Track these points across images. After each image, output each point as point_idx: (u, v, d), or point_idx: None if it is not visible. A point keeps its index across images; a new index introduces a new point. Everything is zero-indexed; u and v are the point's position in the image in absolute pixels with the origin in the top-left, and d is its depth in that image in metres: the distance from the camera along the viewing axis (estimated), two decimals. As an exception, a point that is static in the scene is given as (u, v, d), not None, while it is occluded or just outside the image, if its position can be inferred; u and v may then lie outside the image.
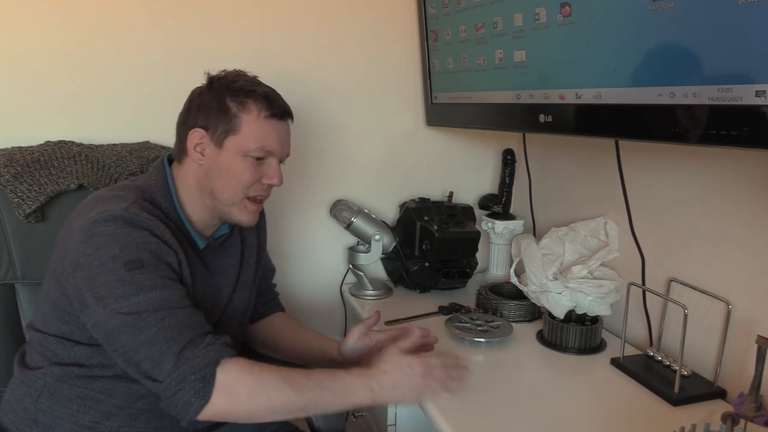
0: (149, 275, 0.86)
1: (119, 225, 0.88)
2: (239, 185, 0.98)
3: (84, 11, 1.32)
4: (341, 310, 1.68)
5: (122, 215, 0.88)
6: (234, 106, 0.96)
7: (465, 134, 1.70)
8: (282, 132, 1.01)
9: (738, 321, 1.04)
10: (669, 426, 0.92)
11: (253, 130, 0.96)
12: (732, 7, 0.74)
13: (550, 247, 1.32)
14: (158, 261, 0.88)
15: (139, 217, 0.89)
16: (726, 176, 1.06)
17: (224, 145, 0.97)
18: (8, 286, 1.17)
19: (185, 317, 0.86)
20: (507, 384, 1.10)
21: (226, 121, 0.96)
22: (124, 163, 1.26)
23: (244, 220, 1.01)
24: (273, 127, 0.99)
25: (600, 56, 0.98)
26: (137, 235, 0.88)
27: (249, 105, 0.96)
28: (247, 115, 0.96)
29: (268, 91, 1.00)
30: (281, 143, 1.01)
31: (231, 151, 0.97)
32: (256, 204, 1.02)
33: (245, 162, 0.97)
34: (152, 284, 0.86)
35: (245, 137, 0.96)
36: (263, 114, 0.97)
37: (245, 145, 0.96)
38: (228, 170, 0.97)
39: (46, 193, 1.16)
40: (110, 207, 0.89)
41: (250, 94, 0.97)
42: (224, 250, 1.08)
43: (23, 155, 1.19)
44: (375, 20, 1.57)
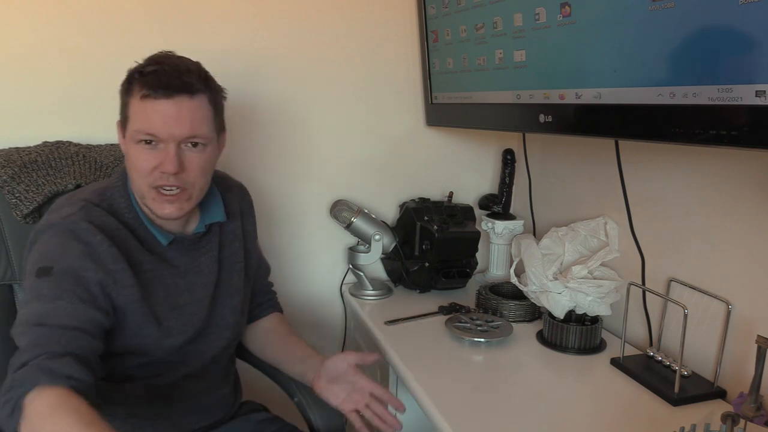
0: (50, 284, 0.85)
1: (52, 233, 0.89)
2: (137, 174, 0.92)
3: (81, 11, 1.32)
4: (341, 310, 1.67)
5: (59, 224, 0.89)
6: (123, 94, 0.93)
7: (465, 134, 1.70)
8: (167, 112, 0.88)
9: (738, 321, 1.04)
10: (669, 426, 0.92)
11: (135, 113, 0.90)
12: (732, 7, 0.74)
13: (550, 247, 1.32)
14: (68, 273, 0.86)
15: (75, 226, 0.89)
16: (726, 176, 1.06)
17: (126, 134, 0.93)
18: (6, 287, 1.17)
19: (46, 337, 0.80)
20: (507, 384, 1.10)
21: (122, 110, 0.93)
22: (122, 163, 1.26)
23: (158, 212, 0.94)
24: (153, 107, 0.88)
25: (600, 56, 0.98)
26: (62, 244, 0.88)
27: (132, 88, 0.90)
28: (131, 98, 0.91)
29: (155, 68, 0.89)
30: (165, 124, 0.89)
31: (128, 141, 0.92)
32: (167, 195, 0.92)
33: (138, 149, 0.91)
34: (48, 294, 0.84)
35: (132, 122, 0.91)
36: (141, 94, 0.89)
37: (131, 131, 0.91)
38: (129, 160, 0.93)
39: (43, 194, 1.16)
40: (54, 215, 0.91)
41: (135, 76, 0.90)
42: (197, 249, 1.04)
43: (20, 156, 1.19)
44: (375, 20, 1.57)
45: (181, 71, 0.90)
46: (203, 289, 1.04)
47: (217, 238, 1.08)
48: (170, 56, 0.94)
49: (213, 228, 1.07)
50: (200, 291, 1.04)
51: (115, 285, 0.91)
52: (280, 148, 1.55)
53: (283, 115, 1.54)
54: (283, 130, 1.55)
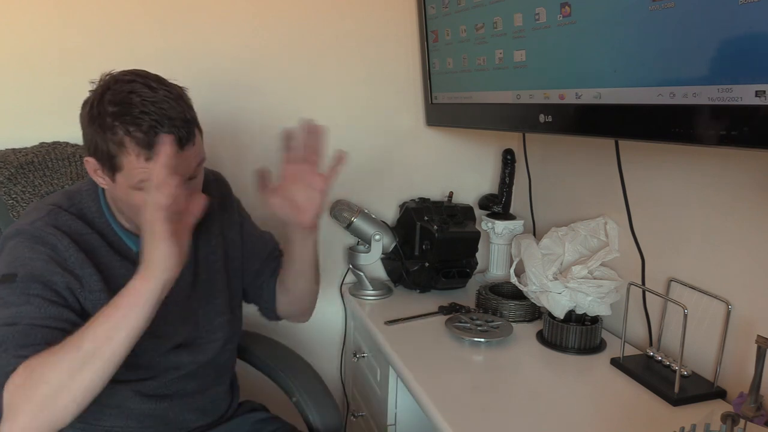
0: (14, 291, 0.84)
1: (18, 240, 0.88)
2: (134, 213, 0.89)
3: (78, 12, 1.32)
4: (341, 310, 1.67)
5: (25, 230, 0.88)
6: (112, 146, 0.84)
7: (465, 134, 1.70)
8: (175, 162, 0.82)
9: (738, 321, 1.04)
10: (669, 426, 0.92)
11: (135, 172, 0.85)
12: (732, 7, 0.74)
13: (550, 247, 1.32)
14: (33, 278, 0.85)
15: (42, 232, 0.88)
16: (726, 176, 1.06)
17: (116, 179, 0.87)
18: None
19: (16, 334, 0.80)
20: (507, 384, 1.10)
21: (109, 160, 0.85)
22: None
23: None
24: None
25: (600, 56, 0.98)
26: (27, 250, 0.87)
27: (126, 146, 0.83)
28: (126, 157, 0.84)
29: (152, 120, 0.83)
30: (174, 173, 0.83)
31: (123, 186, 0.87)
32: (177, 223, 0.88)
33: (140, 195, 0.85)
34: (13, 300, 0.83)
35: (130, 176, 0.85)
36: (143, 156, 0.83)
37: (133, 183, 0.86)
38: (127, 203, 0.90)
39: (40, 195, 1.16)
40: (22, 221, 0.90)
41: (128, 129, 0.82)
42: None
43: (17, 157, 1.19)
44: (375, 20, 1.57)
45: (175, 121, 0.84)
46: (178, 292, 0.98)
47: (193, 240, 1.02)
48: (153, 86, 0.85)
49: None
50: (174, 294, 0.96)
51: (82, 289, 0.90)
52: (280, 148, 1.54)
53: (282, 116, 1.53)
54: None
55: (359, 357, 1.48)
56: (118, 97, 0.84)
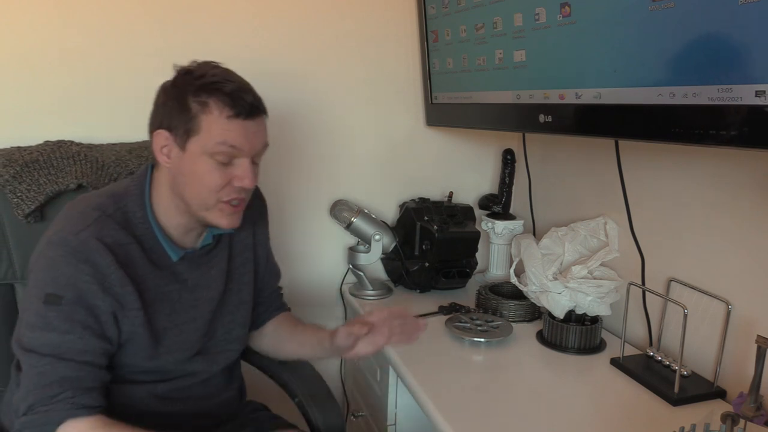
0: (60, 315, 0.85)
1: (63, 253, 0.86)
2: (207, 189, 0.91)
3: (83, 10, 1.32)
4: (341, 310, 1.68)
5: (71, 242, 0.87)
6: (195, 106, 0.88)
7: (465, 134, 1.70)
8: (249, 130, 0.91)
9: (738, 321, 1.05)
10: (669, 426, 0.92)
11: (215, 130, 0.88)
12: (732, 7, 0.74)
13: (550, 247, 1.32)
14: (79, 303, 0.86)
15: (86, 247, 0.87)
16: (726, 176, 1.06)
17: (187, 147, 0.90)
18: (7, 287, 1.16)
19: (66, 371, 0.85)
20: (507, 384, 1.10)
21: (186, 121, 0.89)
22: (124, 163, 1.26)
23: (222, 224, 0.95)
24: (237, 127, 0.89)
25: (600, 56, 0.98)
26: (73, 269, 0.86)
27: (210, 104, 0.88)
28: (208, 115, 0.88)
29: (234, 87, 0.90)
30: (249, 141, 0.91)
31: (194, 154, 0.89)
32: (233, 207, 0.95)
33: (210, 164, 0.90)
34: (58, 326, 0.85)
35: (207, 137, 0.89)
36: (225, 113, 0.88)
37: (208, 147, 0.89)
38: (193, 174, 0.90)
39: (45, 193, 1.16)
40: (67, 228, 0.88)
41: (213, 92, 0.88)
42: (207, 262, 1.03)
43: (22, 155, 1.19)
44: (375, 20, 1.57)
45: (253, 91, 0.93)
46: (208, 303, 1.03)
47: (227, 250, 1.07)
48: (230, 71, 0.94)
49: (222, 240, 1.06)
50: (205, 305, 1.02)
51: (122, 310, 0.91)
52: (280, 148, 1.55)
53: (282, 116, 1.54)
54: (283, 130, 1.55)
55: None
56: (199, 72, 0.91)
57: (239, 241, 1.10)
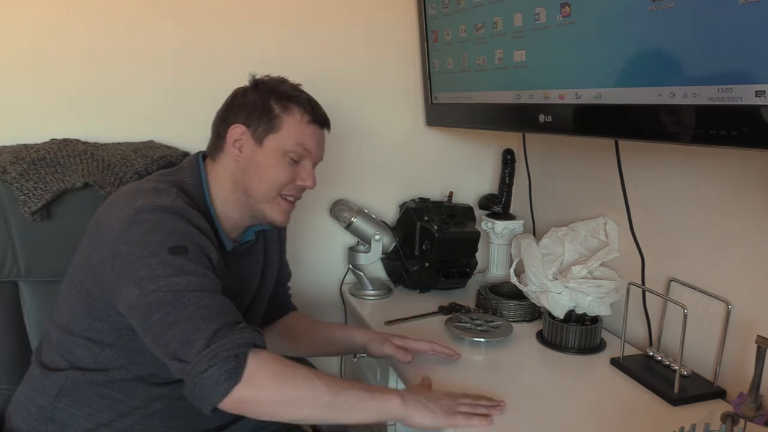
0: (193, 261, 0.86)
1: (166, 214, 0.88)
2: (274, 183, 1.01)
3: (90, 10, 1.32)
4: (341, 310, 1.68)
5: (169, 206, 0.89)
6: (278, 108, 1.01)
7: (465, 134, 1.70)
8: (320, 138, 1.06)
9: (738, 321, 1.05)
10: (669, 426, 0.92)
11: (294, 131, 1.01)
12: (732, 7, 0.74)
13: (550, 247, 1.32)
14: (201, 252, 0.89)
15: (185, 210, 0.91)
16: (726, 176, 1.06)
17: (264, 142, 1.00)
18: (12, 284, 1.17)
19: (223, 303, 0.85)
20: (507, 384, 1.10)
21: (268, 120, 1.00)
22: (129, 162, 1.26)
23: (277, 219, 1.04)
24: (313, 132, 1.03)
25: (600, 56, 0.98)
26: (183, 225, 0.89)
27: (293, 108, 1.01)
28: (290, 117, 1.01)
29: (311, 98, 1.05)
30: (318, 147, 1.05)
31: (270, 149, 1.00)
32: (289, 203, 1.05)
33: (282, 161, 1.01)
34: (195, 269, 0.85)
35: (286, 137, 1.00)
36: (306, 118, 1.02)
37: (285, 145, 1.00)
38: (265, 167, 1.00)
39: (51, 191, 1.16)
40: (155, 198, 0.90)
41: (295, 98, 1.02)
42: (248, 255, 1.11)
43: (29, 153, 1.19)
44: (375, 20, 1.57)
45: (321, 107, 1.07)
46: (249, 293, 1.11)
47: (263, 245, 1.16)
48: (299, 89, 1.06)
49: (259, 236, 1.14)
50: (246, 295, 1.11)
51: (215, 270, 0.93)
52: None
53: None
54: (283, 130, 1.55)
55: (359, 357, 1.47)
56: (277, 80, 1.05)
57: (271, 238, 1.18)
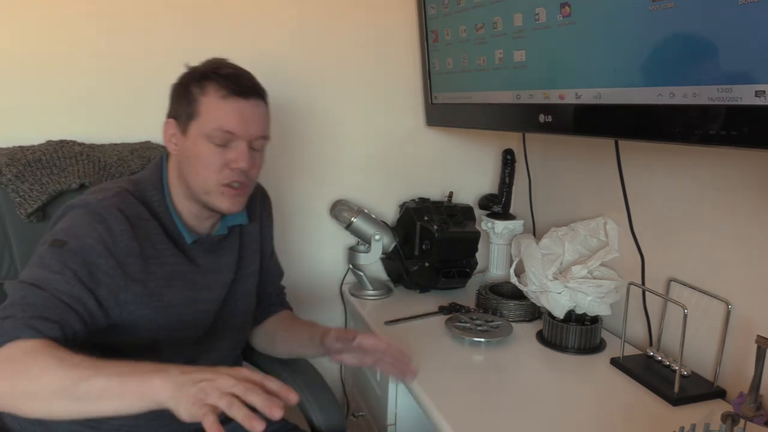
0: (56, 257, 0.85)
1: (83, 213, 0.90)
2: (207, 171, 0.94)
3: (85, 12, 1.32)
4: (341, 310, 1.68)
5: (92, 205, 0.91)
6: (196, 90, 0.94)
7: (465, 134, 1.70)
8: (245, 111, 0.94)
9: (738, 321, 1.05)
10: (669, 426, 0.92)
11: (210, 111, 0.93)
12: (732, 7, 0.74)
13: (550, 247, 1.32)
14: (79, 253, 0.86)
15: (104, 210, 0.90)
16: (726, 176, 1.06)
17: (188, 132, 0.95)
18: (9, 286, 1.17)
19: (37, 298, 0.81)
20: (507, 384, 1.10)
21: (188, 106, 0.94)
22: (126, 163, 1.26)
23: (223, 207, 0.98)
24: (232, 107, 0.93)
25: (600, 56, 0.98)
26: (86, 225, 0.89)
27: (207, 86, 0.93)
28: (205, 97, 0.93)
29: (232, 71, 0.95)
30: (244, 123, 0.94)
31: (195, 137, 0.94)
32: (234, 190, 0.97)
33: (209, 146, 0.93)
34: (51, 265, 0.84)
35: (205, 120, 0.93)
36: (220, 93, 0.93)
37: (205, 128, 0.93)
38: (194, 156, 0.95)
39: (47, 193, 1.16)
40: (90, 196, 0.93)
41: (211, 76, 0.94)
42: (219, 249, 1.07)
43: (25, 154, 1.19)
44: (375, 20, 1.57)
45: (250, 76, 0.98)
46: (221, 288, 1.07)
47: (237, 241, 1.11)
48: (231, 62, 0.99)
49: (234, 230, 1.10)
50: (218, 290, 1.06)
51: (124, 276, 0.91)
52: (280, 148, 1.55)
53: (282, 116, 1.54)
54: (283, 130, 1.55)
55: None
56: (203, 64, 0.98)
57: (248, 233, 1.13)
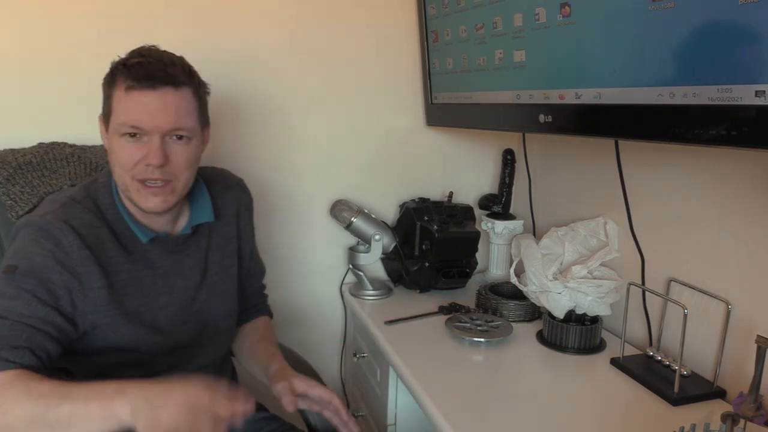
0: (11, 283, 0.85)
1: (28, 232, 0.89)
2: (121, 168, 0.91)
3: (76, 13, 1.32)
4: (341, 310, 1.68)
5: (36, 222, 0.90)
6: (108, 85, 0.91)
7: (465, 134, 1.70)
8: (151, 103, 0.88)
9: (738, 321, 1.05)
10: (669, 426, 0.92)
11: (119, 106, 0.89)
12: (732, 7, 0.74)
13: (550, 247, 1.32)
14: (31, 274, 0.86)
15: (50, 226, 0.89)
16: (726, 176, 1.06)
17: (109, 129, 0.93)
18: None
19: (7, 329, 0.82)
20: (507, 384, 1.10)
21: (105, 102, 0.93)
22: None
23: (143, 205, 0.93)
24: (137, 99, 0.88)
25: (600, 56, 0.98)
26: (33, 244, 0.88)
27: (116, 80, 0.89)
28: (115, 91, 0.90)
29: (139, 60, 0.89)
30: (149, 116, 0.88)
31: (111, 134, 0.92)
32: (152, 188, 0.91)
33: (121, 142, 0.90)
34: (6, 292, 0.85)
35: (115, 116, 0.90)
36: (125, 86, 0.88)
37: (116, 125, 0.90)
38: (112, 154, 0.92)
39: (38, 195, 1.16)
40: (37, 212, 0.92)
41: (118, 68, 0.90)
42: (182, 250, 1.02)
43: (15, 157, 1.19)
44: (375, 20, 1.57)
45: (165, 63, 0.89)
46: (183, 291, 1.02)
47: (206, 241, 1.06)
48: (154, 49, 0.92)
49: (201, 229, 1.05)
50: (179, 293, 1.02)
51: (81, 288, 0.90)
52: (280, 148, 1.55)
53: (282, 116, 1.54)
54: (283, 130, 1.55)
55: (359, 357, 1.48)
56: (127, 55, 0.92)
57: (222, 234, 1.09)
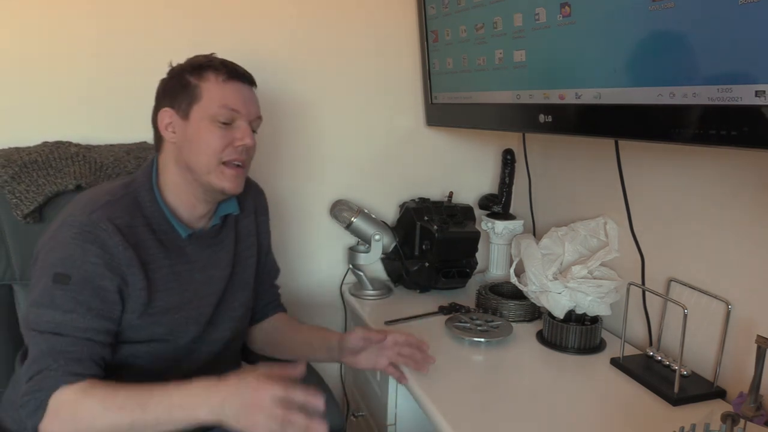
0: (66, 295, 0.88)
1: (74, 234, 0.90)
2: (210, 151, 0.98)
3: (76, 13, 1.32)
4: (341, 310, 1.68)
5: (81, 223, 0.91)
6: (193, 78, 0.99)
7: (465, 134, 1.70)
8: (245, 92, 1.02)
9: (738, 321, 1.05)
10: (669, 426, 0.92)
11: (214, 93, 0.98)
12: (732, 7, 0.74)
13: (550, 247, 1.32)
14: (85, 284, 0.89)
15: (95, 228, 0.91)
16: (726, 176, 1.06)
17: (190, 115, 0.98)
18: (6, 287, 1.17)
19: (62, 345, 0.87)
20: (507, 384, 1.10)
21: (188, 93, 0.98)
22: (122, 164, 1.26)
23: (226, 186, 1.00)
24: (234, 88, 1.00)
25: (600, 56, 0.98)
26: (81, 250, 0.90)
27: (206, 73, 0.99)
28: (206, 83, 0.98)
29: (225, 60, 1.02)
30: (245, 102, 1.01)
31: (197, 119, 0.98)
32: (235, 169, 1.01)
33: (212, 127, 0.98)
34: (62, 305, 0.88)
35: (208, 102, 0.98)
36: (221, 77, 0.99)
37: (209, 109, 0.97)
38: (197, 138, 0.98)
39: (44, 194, 1.16)
40: (77, 211, 0.93)
41: (207, 64, 1.00)
42: (217, 243, 1.08)
43: (21, 156, 1.19)
44: (375, 20, 1.57)
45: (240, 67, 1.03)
46: (219, 282, 1.08)
47: (233, 232, 1.12)
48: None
49: (228, 221, 1.11)
50: (217, 284, 1.08)
51: (127, 288, 0.94)
52: (280, 148, 1.55)
53: (282, 116, 1.54)
54: (283, 130, 1.55)
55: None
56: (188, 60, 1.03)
57: (244, 226, 1.15)
